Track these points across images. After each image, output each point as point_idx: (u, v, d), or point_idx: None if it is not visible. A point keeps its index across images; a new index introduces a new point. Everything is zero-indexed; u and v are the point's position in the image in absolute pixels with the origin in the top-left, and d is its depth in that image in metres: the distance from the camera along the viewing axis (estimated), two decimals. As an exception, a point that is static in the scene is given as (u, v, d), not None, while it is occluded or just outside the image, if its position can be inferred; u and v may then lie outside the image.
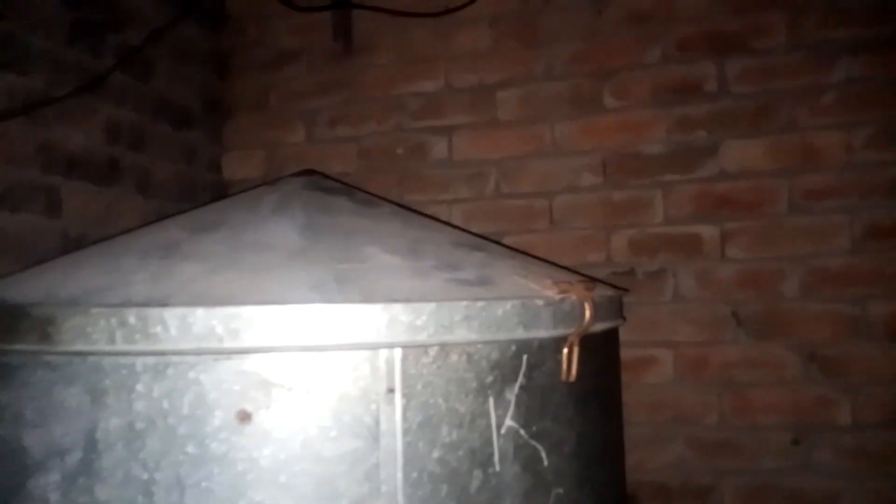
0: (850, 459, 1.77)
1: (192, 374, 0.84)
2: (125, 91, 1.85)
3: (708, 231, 1.89)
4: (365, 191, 1.44)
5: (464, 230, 1.49)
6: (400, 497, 0.87)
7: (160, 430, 0.84)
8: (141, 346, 0.84)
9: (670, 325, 1.91)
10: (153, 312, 0.84)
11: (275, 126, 2.24)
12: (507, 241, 2.02)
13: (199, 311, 0.83)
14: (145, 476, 0.84)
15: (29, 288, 0.97)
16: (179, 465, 0.84)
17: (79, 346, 0.86)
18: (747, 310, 1.86)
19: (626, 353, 1.38)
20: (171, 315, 0.83)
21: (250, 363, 0.85)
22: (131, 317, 0.84)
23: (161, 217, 1.91)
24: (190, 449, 0.84)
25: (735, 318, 1.86)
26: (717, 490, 1.85)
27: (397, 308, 0.87)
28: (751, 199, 1.87)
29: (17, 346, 0.89)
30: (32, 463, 0.87)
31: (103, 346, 0.85)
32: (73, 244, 1.64)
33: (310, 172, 1.42)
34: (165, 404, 0.84)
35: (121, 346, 0.84)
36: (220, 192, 2.23)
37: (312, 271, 0.95)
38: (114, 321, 0.84)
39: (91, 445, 0.85)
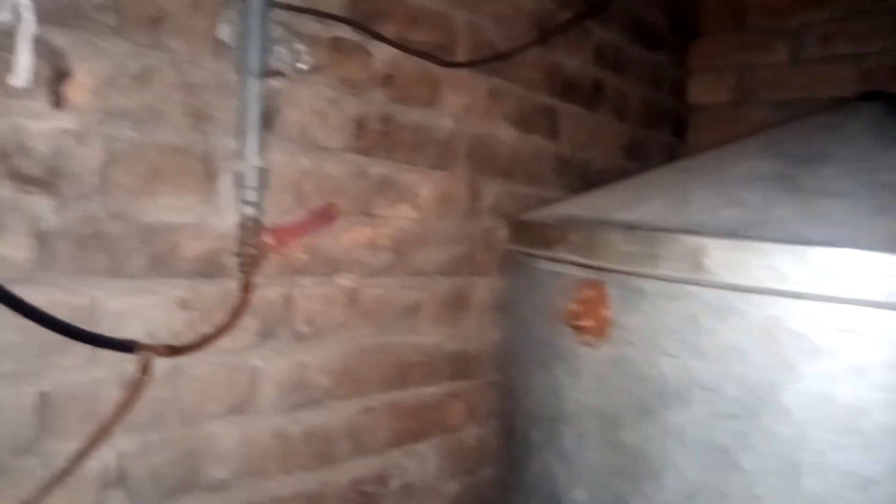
0: None
1: (886, 329, 0.73)
2: (612, 11, 1.80)
3: None
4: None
5: None
6: None
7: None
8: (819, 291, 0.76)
9: None
10: (845, 254, 0.74)
11: (750, 46, 2.01)
12: None
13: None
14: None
15: (653, 213, 0.96)
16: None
17: (735, 280, 0.81)
18: None
19: None
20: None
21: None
22: (813, 255, 0.76)
23: (632, 142, 1.88)
24: None
25: None
26: None
27: None
28: None
29: (658, 273, 0.88)
30: (668, 392, 0.87)
31: (767, 284, 0.79)
32: (567, 166, 1.69)
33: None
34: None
35: (791, 288, 0.77)
36: (682, 117, 2.12)
37: None
38: (787, 259, 0.77)
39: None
